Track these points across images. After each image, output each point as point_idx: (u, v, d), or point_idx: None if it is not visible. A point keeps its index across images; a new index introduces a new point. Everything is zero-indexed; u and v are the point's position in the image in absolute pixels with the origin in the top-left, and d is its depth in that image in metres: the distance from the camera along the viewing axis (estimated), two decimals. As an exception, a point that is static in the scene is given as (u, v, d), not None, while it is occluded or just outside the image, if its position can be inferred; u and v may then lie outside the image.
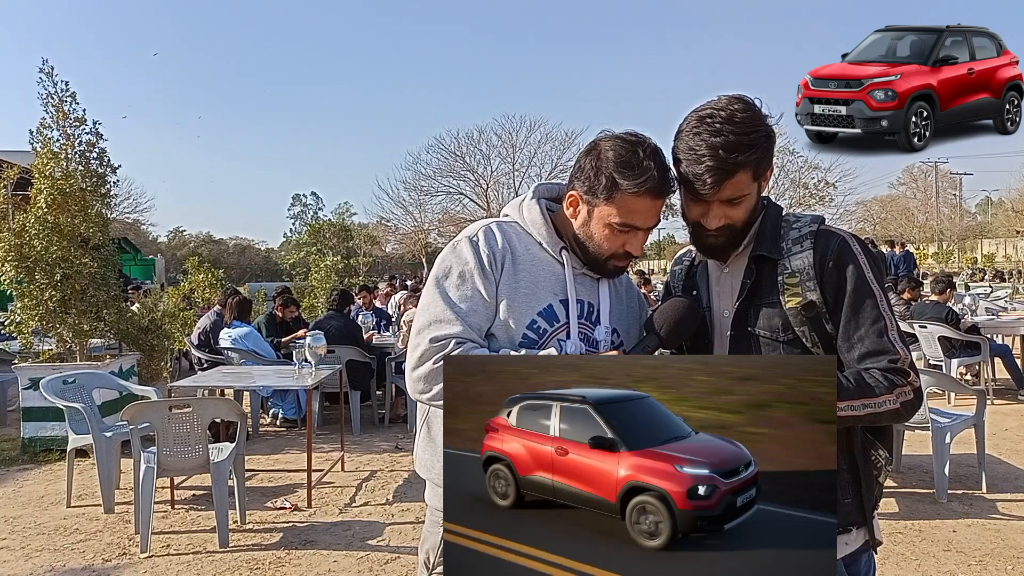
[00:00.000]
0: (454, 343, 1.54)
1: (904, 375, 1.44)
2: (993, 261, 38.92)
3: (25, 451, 5.83)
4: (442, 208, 33.64)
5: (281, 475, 5.33)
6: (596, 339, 1.67)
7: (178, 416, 3.87)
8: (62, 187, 6.10)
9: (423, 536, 1.75)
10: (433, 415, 1.67)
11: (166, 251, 44.59)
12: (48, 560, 3.82)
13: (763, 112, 1.53)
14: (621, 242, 1.62)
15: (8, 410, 7.21)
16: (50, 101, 6.40)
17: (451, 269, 1.62)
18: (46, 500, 4.81)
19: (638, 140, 1.58)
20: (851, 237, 1.56)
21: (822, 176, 28.16)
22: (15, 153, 10.82)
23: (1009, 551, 3.75)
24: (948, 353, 7.25)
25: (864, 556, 1.56)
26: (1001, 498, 4.53)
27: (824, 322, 1.51)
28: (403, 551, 3.88)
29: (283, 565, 3.72)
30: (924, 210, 45.59)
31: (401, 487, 4.99)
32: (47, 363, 6.08)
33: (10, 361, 6.55)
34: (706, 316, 1.66)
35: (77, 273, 6.03)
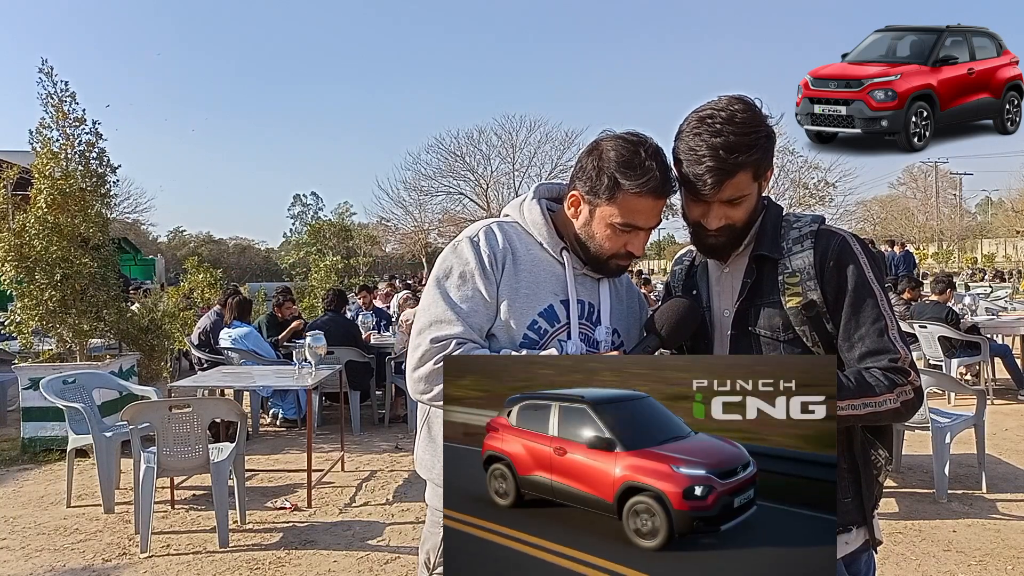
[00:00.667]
0: (455, 343, 1.54)
1: (904, 374, 1.44)
2: (993, 261, 38.92)
3: (25, 451, 5.83)
4: (442, 208, 33.72)
5: (281, 475, 5.33)
6: (597, 339, 1.68)
7: (178, 416, 3.87)
8: (62, 187, 6.10)
9: (423, 536, 1.75)
10: (433, 415, 1.67)
11: (166, 251, 44.60)
12: (48, 560, 3.82)
13: (763, 112, 1.53)
14: (623, 242, 1.62)
15: (8, 410, 7.21)
16: (50, 101, 6.40)
17: (452, 269, 1.62)
18: (46, 500, 4.81)
19: (640, 140, 1.59)
20: (851, 237, 1.56)
21: (822, 176, 28.21)
22: (15, 153, 10.83)
23: (1009, 551, 3.75)
24: (948, 353, 7.26)
25: (864, 556, 1.56)
26: (1001, 498, 4.53)
27: (824, 321, 1.51)
28: (403, 551, 3.88)
29: (283, 565, 3.72)
30: (924, 210, 45.59)
31: (401, 487, 4.99)
32: (47, 363, 6.09)
33: (10, 361, 6.55)
34: (706, 316, 1.66)
35: (77, 273, 6.03)
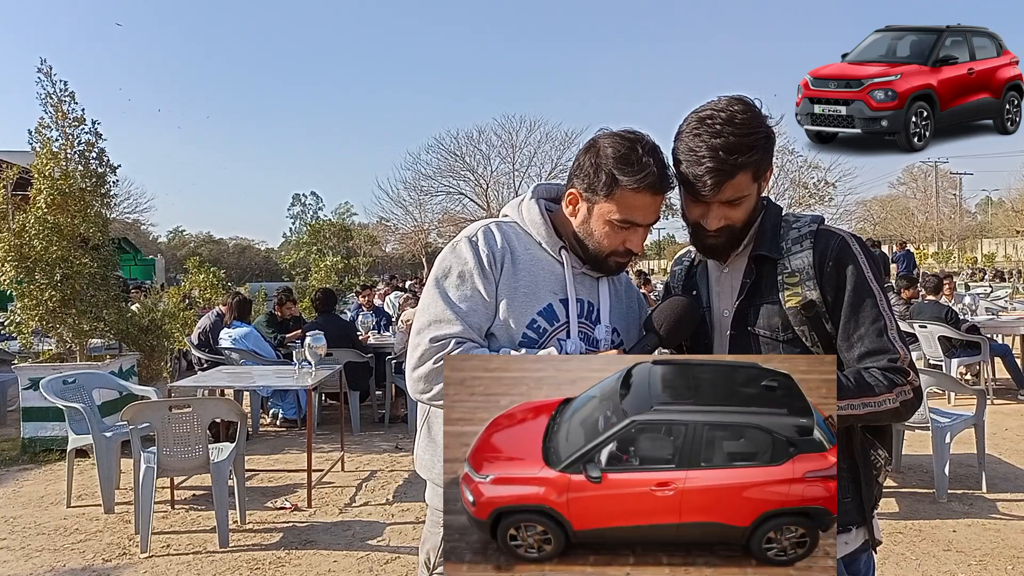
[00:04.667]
0: (454, 343, 1.54)
1: (904, 374, 1.44)
2: (993, 261, 38.88)
3: (25, 451, 5.83)
4: (442, 208, 33.66)
5: (281, 475, 5.33)
6: (596, 338, 1.67)
7: (178, 416, 3.87)
8: (62, 187, 6.10)
9: (423, 536, 1.75)
10: (433, 415, 1.67)
11: (166, 251, 44.60)
12: (48, 560, 3.82)
13: (763, 113, 1.53)
14: (621, 239, 1.62)
15: (8, 410, 7.21)
16: (49, 101, 6.40)
17: (451, 269, 1.62)
18: (46, 500, 4.81)
19: (636, 137, 1.59)
20: (851, 237, 1.56)
21: (822, 176, 28.14)
22: (15, 153, 10.84)
23: (1009, 551, 3.75)
24: (948, 353, 7.25)
25: (864, 556, 1.56)
26: (1001, 498, 4.53)
27: (824, 321, 1.51)
28: (403, 551, 3.88)
29: (283, 565, 3.72)
30: (924, 210, 45.57)
31: (401, 487, 4.99)
32: (47, 363, 6.08)
33: (10, 361, 6.55)
34: (706, 316, 1.66)
35: (77, 273, 6.03)
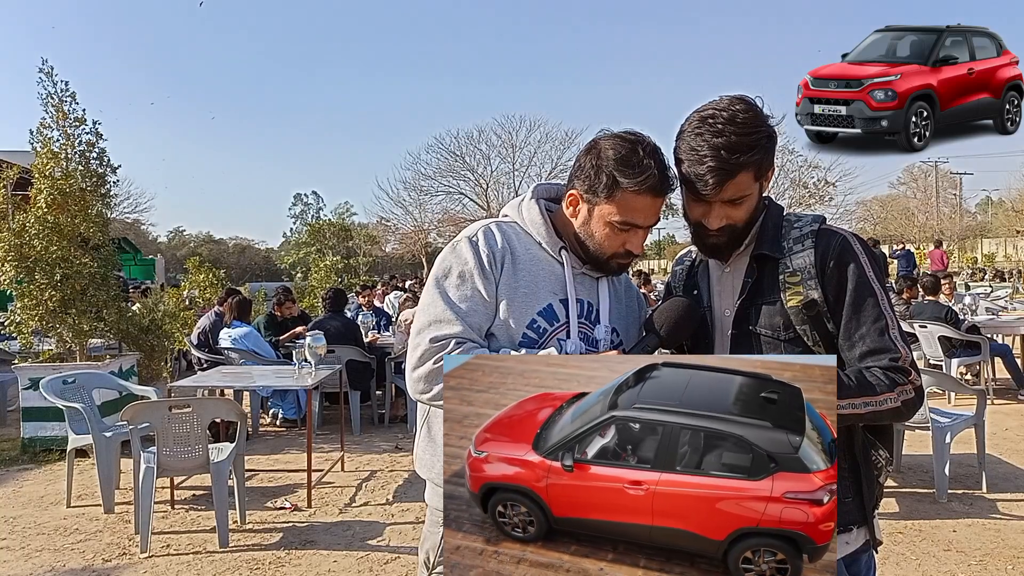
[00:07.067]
0: (454, 343, 1.54)
1: (905, 374, 1.44)
2: (993, 261, 38.88)
3: (25, 451, 5.83)
4: (442, 208, 33.66)
5: (281, 475, 5.33)
6: (596, 338, 1.67)
7: (178, 416, 3.87)
8: (62, 187, 6.10)
9: (423, 536, 1.75)
10: (433, 415, 1.67)
11: (166, 251, 44.60)
12: (48, 560, 3.82)
13: (765, 112, 1.53)
14: (622, 240, 1.62)
15: (8, 410, 7.21)
16: (50, 101, 6.40)
17: (451, 269, 1.62)
18: (46, 500, 4.80)
19: (637, 138, 1.59)
20: (852, 236, 1.56)
21: (822, 176, 28.13)
22: (15, 153, 10.83)
23: (1009, 551, 3.75)
24: (948, 353, 7.25)
25: (864, 556, 1.56)
26: (1001, 498, 4.53)
27: (825, 321, 1.51)
28: (403, 551, 3.88)
29: (283, 565, 3.72)
30: (924, 210, 45.51)
31: (401, 487, 4.99)
32: (47, 363, 6.08)
33: (10, 361, 6.55)
34: (707, 315, 1.66)
35: (77, 273, 6.02)
